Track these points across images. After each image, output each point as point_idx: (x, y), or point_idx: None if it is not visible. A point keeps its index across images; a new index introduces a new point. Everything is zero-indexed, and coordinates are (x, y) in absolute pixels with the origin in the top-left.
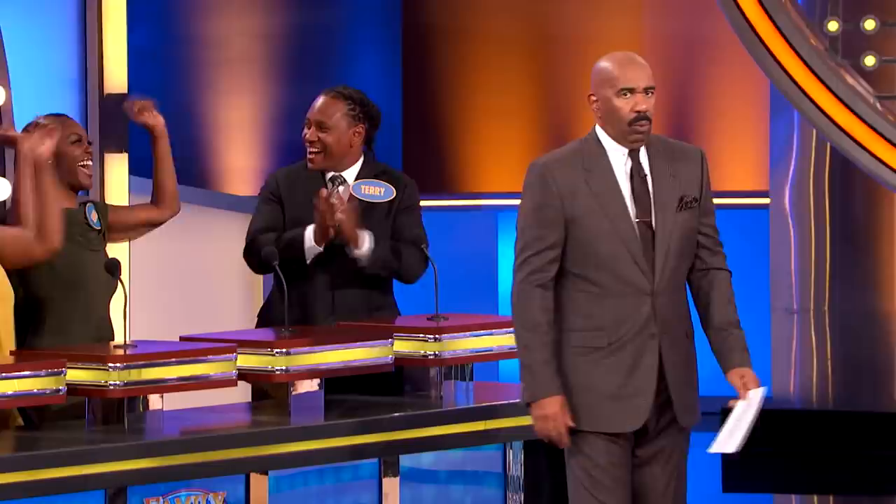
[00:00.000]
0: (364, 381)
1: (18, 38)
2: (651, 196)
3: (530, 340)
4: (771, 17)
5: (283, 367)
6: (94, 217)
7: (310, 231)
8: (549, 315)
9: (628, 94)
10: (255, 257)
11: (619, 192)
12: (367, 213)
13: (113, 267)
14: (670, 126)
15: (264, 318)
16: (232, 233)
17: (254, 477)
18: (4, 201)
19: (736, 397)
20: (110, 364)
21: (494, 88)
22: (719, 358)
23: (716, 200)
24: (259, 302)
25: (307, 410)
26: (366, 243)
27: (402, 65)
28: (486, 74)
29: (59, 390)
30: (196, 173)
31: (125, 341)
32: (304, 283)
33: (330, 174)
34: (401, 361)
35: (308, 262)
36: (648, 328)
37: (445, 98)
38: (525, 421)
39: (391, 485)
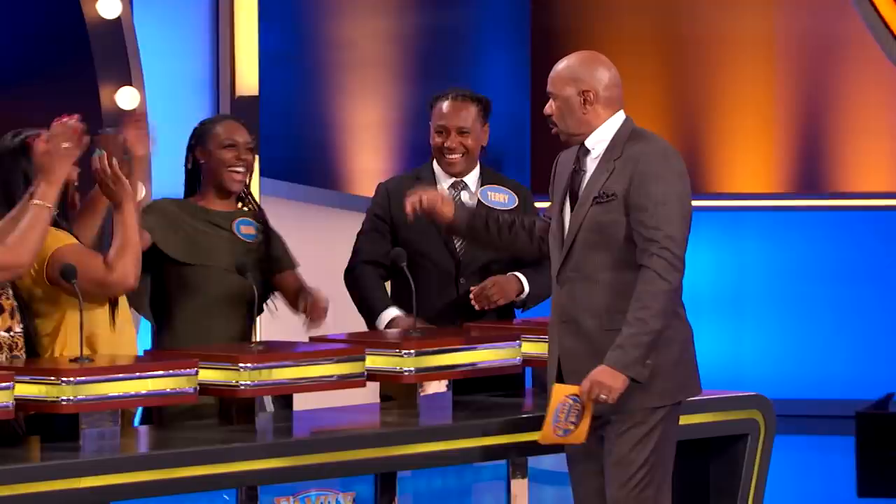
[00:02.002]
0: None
1: (153, 41)
2: (580, 190)
3: None
4: None
5: (412, 368)
6: (244, 230)
7: (386, 316)
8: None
9: None
10: (352, 288)
11: (564, 186)
12: None
13: (243, 269)
14: (802, 127)
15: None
16: None
17: (383, 477)
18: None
19: None
20: (241, 364)
21: (623, 90)
22: None
23: (848, 202)
24: None
25: (435, 411)
26: (525, 289)
27: (530, 66)
28: None
29: (191, 390)
30: (325, 175)
31: (255, 341)
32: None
33: (451, 180)
34: (528, 363)
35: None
36: (557, 314)
37: None
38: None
39: (520, 486)
